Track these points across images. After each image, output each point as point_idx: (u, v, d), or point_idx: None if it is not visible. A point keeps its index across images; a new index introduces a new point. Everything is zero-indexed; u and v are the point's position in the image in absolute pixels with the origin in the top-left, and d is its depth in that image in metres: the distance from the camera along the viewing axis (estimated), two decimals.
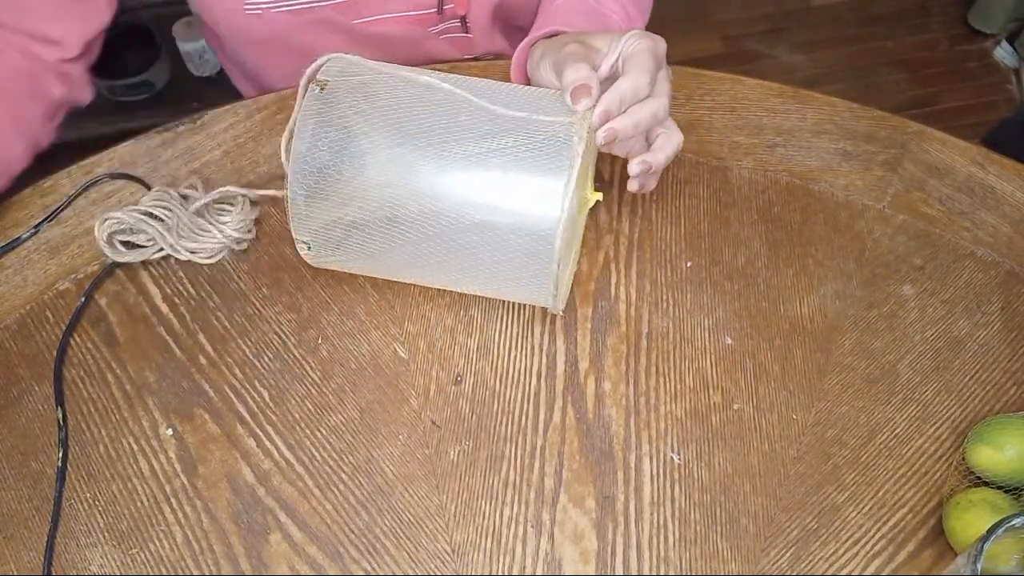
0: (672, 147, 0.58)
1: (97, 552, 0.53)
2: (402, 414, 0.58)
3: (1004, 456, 0.53)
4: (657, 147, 0.58)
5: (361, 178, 0.54)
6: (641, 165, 0.56)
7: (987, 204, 0.69)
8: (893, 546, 0.54)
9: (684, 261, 0.65)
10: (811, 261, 0.66)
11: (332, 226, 0.56)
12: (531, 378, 0.60)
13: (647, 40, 0.55)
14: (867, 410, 0.59)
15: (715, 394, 0.59)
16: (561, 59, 0.56)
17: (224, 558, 0.53)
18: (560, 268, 0.53)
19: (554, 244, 0.52)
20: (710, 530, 0.54)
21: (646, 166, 0.56)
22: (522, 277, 0.55)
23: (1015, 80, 1.89)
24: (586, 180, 0.60)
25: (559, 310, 0.59)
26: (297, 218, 0.55)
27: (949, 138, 0.72)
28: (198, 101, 1.63)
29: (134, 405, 0.58)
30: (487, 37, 0.80)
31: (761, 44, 1.97)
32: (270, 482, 0.55)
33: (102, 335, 0.61)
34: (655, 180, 0.61)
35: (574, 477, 0.56)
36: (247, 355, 0.60)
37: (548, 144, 0.52)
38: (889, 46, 1.96)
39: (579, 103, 0.52)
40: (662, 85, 0.56)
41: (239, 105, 0.72)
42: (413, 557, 0.53)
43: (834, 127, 0.73)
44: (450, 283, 0.60)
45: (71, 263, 0.64)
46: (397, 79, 0.56)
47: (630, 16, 0.70)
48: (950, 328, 0.63)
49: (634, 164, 0.57)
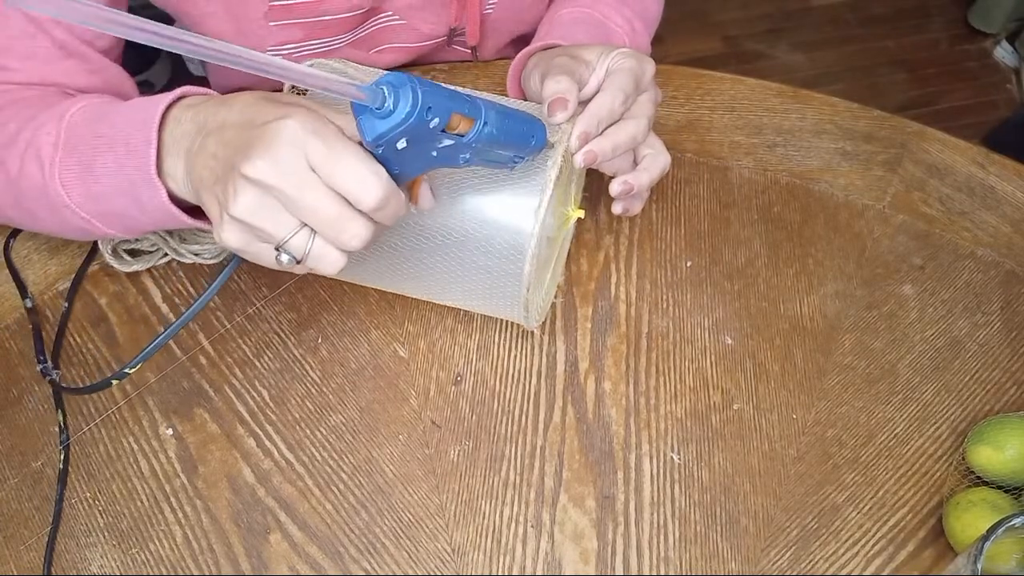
0: (657, 169, 0.57)
1: (97, 552, 0.53)
2: (402, 414, 0.58)
3: (1004, 456, 0.53)
4: (642, 167, 0.57)
5: None
6: (623, 185, 0.56)
7: (987, 204, 0.69)
8: (893, 546, 0.54)
9: (684, 261, 0.65)
10: (811, 261, 0.66)
11: None
12: (531, 378, 0.60)
13: (632, 60, 0.55)
14: (867, 410, 0.59)
15: (715, 394, 0.59)
16: (547, 70, 0.55)
17: (224, 558, 0.53)
18: (531, 292, 0.52)
19: (524, 269, 0.51)
20: (710, 530, 0.54)
21: (628, 186, 0.56)
22: (495, 297, 0.54)
23: (1015, 80, 1.89)
24: (568, 196, 0.60)
25: (534, 327, 0.59)
26: None
27: (949, 138, 0.72)
28: None
29: (134, 405, 0.58)
30: (494, 56, 0.81)
31: (761, 44, 1.97)
32: (270, 482, 0.55)
33: (102, 335, 0.61)
34: (640, 203, 0.61)
35: (574, 477, 0.56)
36: (247, 355, 0.60)
37: (524, 165, 0.51)
38: (889, 46, 1.96)
39: (555, 116, 0.52)
40: (642, 107, 0.55)
41: None
42: (413, 557, 0.53)
43: (834, 127, 0.73)
44: (428, 297, 0.59)
45: (71, 263, 0.64)
46: None
47: (635, 31, 0.70)
48: (950, 328, 0.63)
49: (615, 184, 0.56)
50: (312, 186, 0.41)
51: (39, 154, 0.52)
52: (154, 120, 0.48)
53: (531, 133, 0.48)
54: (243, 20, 0.65)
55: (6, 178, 0.54)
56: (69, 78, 0.59)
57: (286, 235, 0.43)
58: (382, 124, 0.40)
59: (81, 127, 0.52)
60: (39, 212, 0.55)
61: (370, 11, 0.69)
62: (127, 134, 0.50)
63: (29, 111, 0.55)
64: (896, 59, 1.93)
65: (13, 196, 0.55)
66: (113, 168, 0.50)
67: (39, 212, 0.55)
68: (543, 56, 0.61)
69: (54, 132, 0.52)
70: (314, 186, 0.41)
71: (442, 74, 0.75)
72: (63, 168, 0.52)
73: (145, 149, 0.49)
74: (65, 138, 0.52)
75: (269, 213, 0.42)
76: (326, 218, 0.42)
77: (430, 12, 0.71)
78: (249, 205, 0.42)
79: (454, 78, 0.75)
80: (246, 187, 0.42)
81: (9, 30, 0.56)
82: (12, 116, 0.55)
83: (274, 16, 0.64)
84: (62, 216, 0.54)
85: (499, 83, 0.75)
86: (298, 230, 0.43)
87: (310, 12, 0.65)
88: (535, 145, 0.49)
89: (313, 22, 0.66)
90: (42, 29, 0.56)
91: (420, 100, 0.39)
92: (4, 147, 0.54)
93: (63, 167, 0.52)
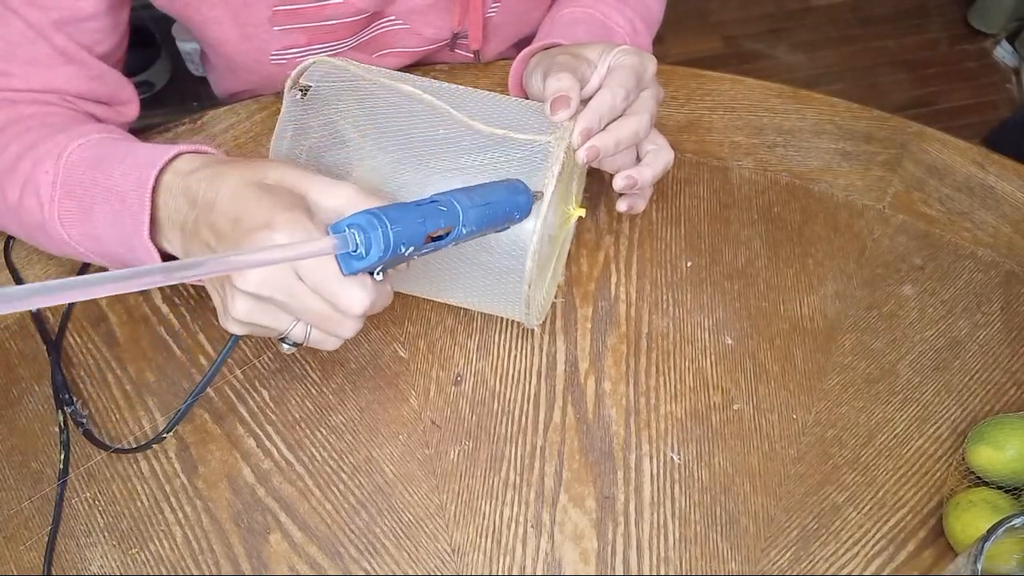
0: (661, 164, 0.57)
1: (97, 552, 0.53)
2: (402, 414, 0.58)
3: (1004, 456, 0.53)
4: (645, 163, 0.57)
5: None
6: (626, 179, 0.56)
7: (987, 204, 0.69)
8: (893, 546, 0.54)
9: (684, 261, 0.65)
10: (811, 261, 0.66)
11: None
12: (531, 378, 0.60)
13: (633, 57, 0.55)
14: (867, 410, 0.59)
15: (715, 394, 0.59)
16: (549, 69, 0.56)
17: (224, 558, 0.53)
18: (532, 288, 0.52)
19: (525, 265, 0.51)
20: (710, 530, 0.54)
21: (631, 180, 0.56)
22: (496, 294, 0.54)
23: (1015, 80, 1.89)
24: (569, 195, 0.60)
25: (534, 326, 0.59)
26: None
27: (949, 138, 0.72)
28: (198, 101, 1.63)
29: (134, 405, 0.58)
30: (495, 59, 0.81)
31: (761, 44, 1.97)
32: (270, 482, 0.55)
33: (102, 335, 0.61)
34: (644, 201, 0.61)
35: (574, 477, 0.56)
36: (247, 355, 0.60)
37: (525, 164, 0.51)
38: (889, 46, 1.96)
39: (557, 114, 0.52)
40: (644, 103, 0.55)
41: (239, 105, 0.72)
42: (413, 557, 0.53)
43: (834, 127, 0.73)
44: (428, 294, 0.59)
45: (71, 263, 0.64)
46: (380, 86, 0.55)
47: (636, 30, 0.70)
48: (950, 328, 0.63)
49: (619, 179, 0.56)
50: (302, 295, 0.44)
51: (38, 191, 0.53)
52: (148, 184, 0.50)
53: (514, 209, 0.48)
54: (247, 25, 0.65)
55: (5, 205, 0.55)
56: (69, 84, 0.59)
57: (285, 329, 0.46)
58: (358, 263, 0.41)
59: (79, 169, 0.53)
60: (40, 239, 0.57)
61: (374, 15, 0.69)
62: (123, 192, 0.51)
63: (30, 136, 0.55)
64: (896, 59, 1.94)
65: (15, 221, 0.57)
66: (111, 219, 0.52)
67: (40, 239, 0.57)
68: (544, 55, 0.61)
69: (51, 172, 0.53)
70: (303, 295, 0.44)
71: (442, 75, 0.75)
72: (62, 209, 0.53)
73: (139, 212, 0.50)
74: (63, 179, 0.53)
75: (266, 315, 0.45)
76: (319, 319, 0.45)
77: (433, 16, 0.71)
78: (247, 310, 0.45)
79: (454, 79, 0.75)
80: (242, 296, 0.44)
81: (10, 36, 0.56)
82: (13, 138, 0.56)
83: (278, 21, 0.64)
84: (63, 249, 0.56)
85: (500, 84, 0.75)
86: (295, 323, 0.46)
87: (314, 16, 0.65)
88: (519, 217, 0.49)
89: (317, 26, 0.66)
90: (42, 35, 0.57)
91: (392, 241, 0.40)
92: (3, 173, 0.55)
93: (62, 208, 0.53)
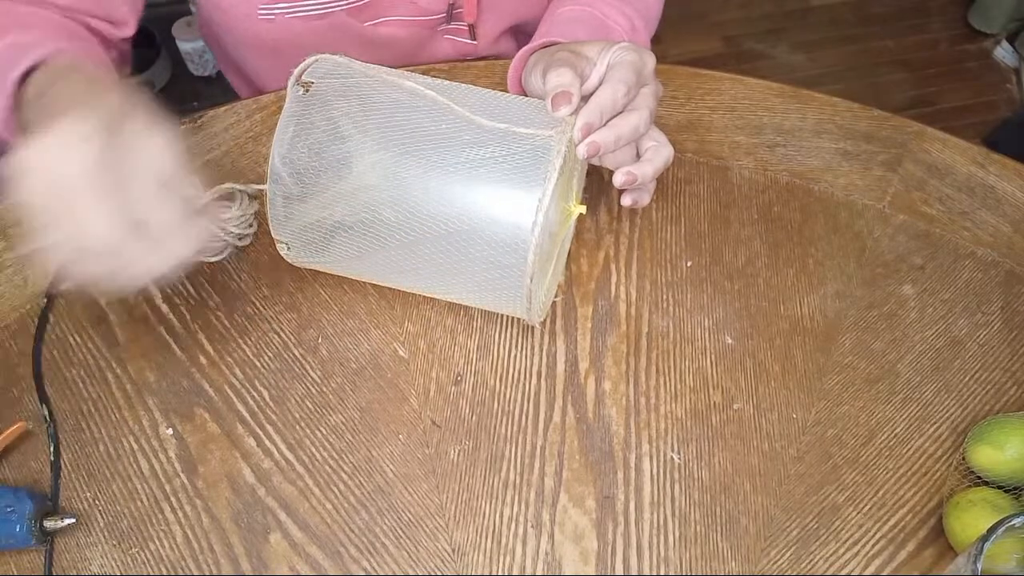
0: (661, 160, 0.57)
1: (97, 552, 0.53)
2: (402, 414, 0.58)
3: (1004, 456, 0.53)
4: (645, 159, 0.57)
5: (340, 182, 0.54)
6: (626, 176, 0.56)
7: (987, 204, 0.69)
8: (893, 546, 0.54)
9: (684, 261, 0.65)
10: (811, 261, 0.66)
11: (313, 228, 0.56)
12: (531, 378, 0.60)
13: (633, 54, 0.55)
14: (867, 410, 0.59)
15: (715, 394, 0.59)
16: (548, 65, 0.56)
17: (224, 558, 0.53)
18: (534, 282, 0.52)
19: (527, 259, 0.51)
20: (710, 530, 0.54)
21: (631, 177, 0.56)
22: (498, 289, 0.54)
23: (1015, 80, 1.89)
24: (570, 192, 0.60)
25: (536, 322, 0.59)
26: (276, 219, 0.55)
27: (949, 138, 0.72)
28: (198, 101, 1.63)
29: (134, 405, 0.58)
30: (492, 44, 0.80)
31: (761, 44, 1.97)
32: (270, 482, 0.55)
33: (102, 335, 0.61)
34: (648, 195, 0.61)
35: (574, 477, 0.56)
36: (247, 355, 0.60)
37: (527, 157, 0.51)
38: (889, 46, 1.96)
39: (559, 110, 0.52)
40: (644, 99, 0.56)
41: (239, 105, 0.72)
42: (413, 557, 0.53)
43: (834, 127, 0.73)
44: (429, 291, 0.59)
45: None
46: (382, 83, 0.55)
47: (635, 29, 0.70)
48: (950, 328, 0.63)
49: (618, 175, 0.56)
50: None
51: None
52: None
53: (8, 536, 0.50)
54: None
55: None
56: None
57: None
58: None
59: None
60: None
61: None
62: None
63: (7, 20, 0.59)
64: (896, 59, 1.94)
65: None
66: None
67: None
68: (543, 53, 0.61)
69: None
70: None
71: (443, 74, 0.75)
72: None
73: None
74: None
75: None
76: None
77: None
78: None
79: (455, 78, 0.75)
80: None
81: None
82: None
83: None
84: None
85: (499, 83, 0.75)
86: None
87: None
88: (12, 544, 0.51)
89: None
90: None
91: None
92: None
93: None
